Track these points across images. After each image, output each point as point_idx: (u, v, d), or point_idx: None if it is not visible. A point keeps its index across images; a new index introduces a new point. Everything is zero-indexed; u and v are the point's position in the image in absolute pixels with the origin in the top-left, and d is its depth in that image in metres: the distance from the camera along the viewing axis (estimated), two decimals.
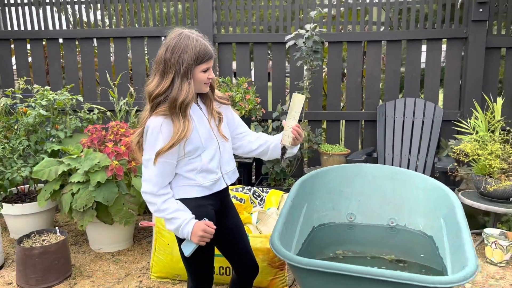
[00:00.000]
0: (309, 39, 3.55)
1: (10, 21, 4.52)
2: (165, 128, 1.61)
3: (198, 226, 1.65)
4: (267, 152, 1.90)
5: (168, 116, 1.62)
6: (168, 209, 1.65)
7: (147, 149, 1.65)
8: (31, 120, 3.08)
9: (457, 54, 3.97)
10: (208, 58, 1.65)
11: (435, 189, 2.28)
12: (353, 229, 2.43)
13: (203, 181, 1.73)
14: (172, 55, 1.60)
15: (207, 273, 1.86)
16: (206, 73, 1.67)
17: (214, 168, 1.75)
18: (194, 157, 1.71)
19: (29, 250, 2.64)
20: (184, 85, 1.61)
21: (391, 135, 3.89)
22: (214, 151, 1.75)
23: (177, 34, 1.65)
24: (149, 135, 1.63)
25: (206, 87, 1.72)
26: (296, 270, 1.74)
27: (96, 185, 2.89)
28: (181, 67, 1.59)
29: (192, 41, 1.62)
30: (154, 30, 4.30)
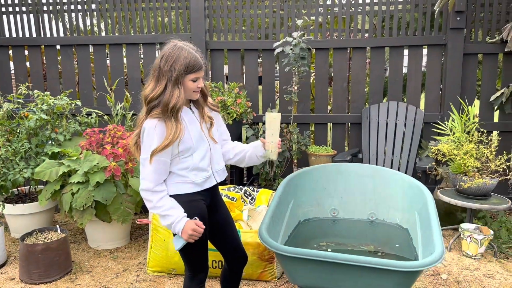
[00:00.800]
0: (296, 46, 3.74)
1: (9, 28, 4.67)
2: (158, 129, 1.75)
3: (188, 225, 1.79)
4: (244, 161, 2.09)
5: (162, 119, 1.77)
6: (163, 206, 1.80)
7: (143, 149, 1.80)
8: (32, 124, 3.23)
9: (437, 60, 4.19)
10: (198, 69, 1.80)
11: (412, 186, 2.48)
12: (336, 224, 2.62)
13: (195, 178, 1.88)
14: (166, 63, 1.76)
15: (202, 263, 2.01)
16: (196, 83, 1.82)
17: (205, 166, 1.91)
18: (186, 156, 1.86)
19: (32, 246, 2.79)
20: (175, 91, 1.76)
21: (375, 137, 4.09)
22: (205, 151, 1.91)
23: (172, 45, 1.81)
24: (145, 136, 1.78)
25: (196, 95, 1.88)
26: (281, 258, 1.92)
27: (95, 185, 3.05)
28: (173, 75, 1.76)
29: (184, 52, 1.78)
30: (149, 37, 4.47)
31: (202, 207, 1.92)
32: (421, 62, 4.26)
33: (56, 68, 4.68)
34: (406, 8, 4.17)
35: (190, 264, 2.00)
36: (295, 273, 1.93)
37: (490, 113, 4.16)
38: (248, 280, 2.87)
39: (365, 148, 4.09)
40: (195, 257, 1.97)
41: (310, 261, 1.82)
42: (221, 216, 2.10)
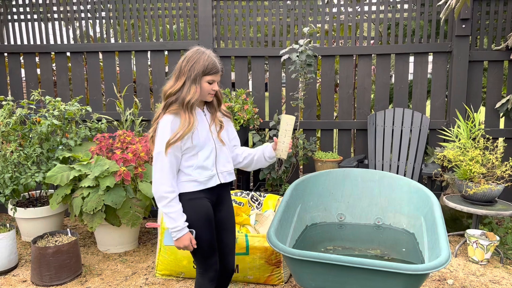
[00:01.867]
0: (303, 53, 3.80)
1: (20, 35, 4.76)
2: (174, 124, 1.90)
3: (185, 237, 1.92)
4: (252, 163, 2.19)
5: (177, 115, 1.91)
6: (173, 208, 1.91)
7: (158, 143, 1.91)
8: (44, 129, 3.30)
9: (443, 67, 4.23)
10: (214, 72, 1.96)
11: (417, 191, 2.51)
12: (343, 228, 2.65)
13: (199, 176, 1.98)
14: (187, 64, 1.94)
15: (211, 261, 2.05)
16: (211, 85, 1.97)
17: (209, 166, 2.01)
18: (192, 154, 1.97)
19: (43, 249, 2.84)
20: (192, 88, 1.93)
21: (381, 143, 4.13)
22: (209, 151, 2.01)
23: (195, 49, 1.99)
24: (159, 130, 1.91)
25: (210, 97, 2.02)
26: (290, 260, 1.96)
27: (105, 190, 3.11)
28: (192, 74, 1.93)
29: (204, 56, 1.95)
30: (157, 44, 4.55)
31: (207, 205, 2.01)
32: (427, 69, 4.30)
33: (66, 75, 4.76)
34: (411, 16, 4.22)
35: (199, 262, 2.06)
36: (303, 276, 1.97)
37: (496, 119, 4.18)
38: (255, 284, 2.90)
39: (371, 154, 4.12)
40: (204, 256, 2.03)
41: (318, 264, 1.85)
42: (222, 218, 2.13)
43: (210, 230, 2.00)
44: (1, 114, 3.33)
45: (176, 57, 4.57)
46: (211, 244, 2.03)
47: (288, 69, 4.04)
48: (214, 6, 4.44)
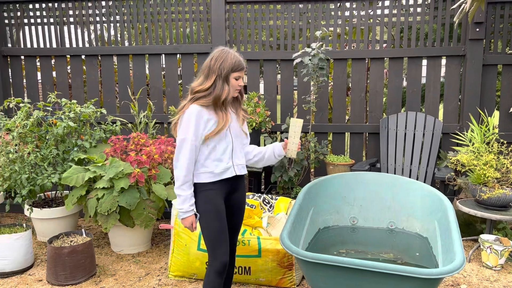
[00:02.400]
0: (315, 56, 3.81)
1: (37, 39, 4.85)
2: (199, 114, 2.05)
3: (188, 220, 2.12)
4: (262, 160, 2.35)
5: (206, 107, 2.08)
6: (185, 191, 2.09)
7: (182, 130, 2.06)
8: (60, 131, 3.36)
9: (456, 70, 4.21)
10: (241, 68, 2.13)
11: (431, 195, 2.50)
12: (355, 232, 2.65)
13: (215, 168, 2.13)
14: (216, 62, 2.09)
15: (222, 248, 2.14)
16: (237, 81, 2.14)
17: (226, 158, 2.16)
18: (211, 147, 2.11)
19: (59, 249, 2.89)
20: (225, 86, 2.10)
21: (393, 147, 4.12)
22: (226, 145, 2.16)
23: (220, 49, 2.15)
24: (185, 118, 2.06)
25: (236, 93, 2.20)
26: (303, 263, 1.97)
27: (120, 191, 3.15)
28: (222, 72, 2.08)
29: (230, 55, 2.11)
30: (170, 47, 4.60)
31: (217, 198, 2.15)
32: (440, 73, 4.28)
33: (81, 78, 4.84)
34: (424, 19, 4.21)
35: (208, 252, 2.18)
36: (315, 278, 1.98)
37: (510, 124, 4.14)
38: (267, 286, 2.92)
39: (383, 158, 4.11)
40: (211, 245, 2.15)
41: (331, 267, 1.86)
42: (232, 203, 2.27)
43: (220, 221, 2.14)
44: (19, 116, 3.40)
45: (189, 60, 4.61)
46: (219, 234, 2.15)
47: (301, 73, 4.06)
48: (227, 10, 4.47)
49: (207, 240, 2.17)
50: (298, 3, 4.39)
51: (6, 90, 4.90)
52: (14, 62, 4.93)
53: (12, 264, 3.05)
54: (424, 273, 1.71)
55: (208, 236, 2.16)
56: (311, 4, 4.38)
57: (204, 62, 2.16)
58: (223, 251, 2.15)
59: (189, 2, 4.53)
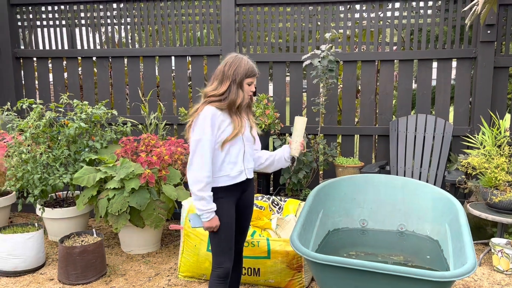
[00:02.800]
0: (325, 58, 3.81)
1: (49, 41, 4.91)
2: (215, 115, 2.08)
3: (214, 220, 2.11)
4: (273, 164, 2.37)
5: (220, 110, 2.11)
6: (207, 192, 2.08)
7: (197, 131, 2.08)
8: (72, 132, 3.40)
9: (467, 73, 4.18)
10: (254, 74, 2.18)
11: (441, 197, 2.49)
12: (365, 234, 2.65)
13: (230, 171, 2.16)
14: (230, 68, 2.14)
15: (229, 252, 2.18)
16: (250, 86, 2.19)
17: (239, 161, 2.19)
18: (226, 150, 2.13)
19: (70, 248, 2.92)
20: (239, 92, 2.14)
21: (403, 149, 4.10)
22: (238, 148, 2.19)
23: (234, 55, 2.20)
24: (200, 119, 2.08)
25: (248, 98, 2.22)
26: (313, 265, 1.97)
27: (130, 191, 3.18)
28: (236, 78, 2.13)
29: (244, 61, 2.17)
30: (180, 49, 4.63)
31: (230, 206, 2.18)
32: (450, 75, 4.26)
33: (92, 79, 4.89)
34: (435, 21, 4.19)
35: (213, 257, 2.20)
36: (325, 280, 1.98)
37: None
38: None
39: (393, 160, 4.10)
40: (217, 251, 2.19)
41: (342, 269, 1.86)
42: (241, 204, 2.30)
43: (230, 229, 2.17)
44: (32, 117, 3.44)
45: (199, 62, 4.64)
46: (227, 242, 2.18)
47: (310, 75, 4.06)
48: (237, 12, 4.49)
49: (214, 247, 2.20)
50: (308, 6, 4.40)
51: (18, 91, 4.96)
52: (26, 63, 4.99)
53: (25, 263, 3.08)
54: (436, 276, 1.71)
55: (215, 243, 2.19)
56: (321, 6, 4.38)
57: (217, 68, 2.20)
58: (228, 258, 2.19)
59: (199, 4, 4.56)
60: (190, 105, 4.76)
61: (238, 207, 2.29)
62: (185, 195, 3.38)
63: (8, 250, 3.03)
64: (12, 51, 4.88)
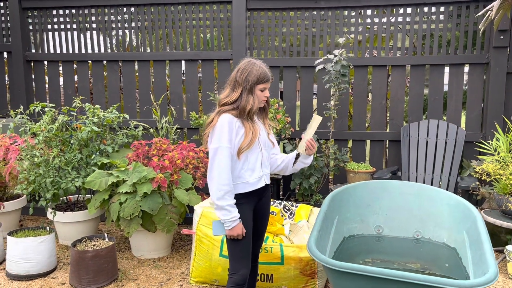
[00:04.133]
0: (337, 63, 3.80)
1: (60, 44, 4.92)
2: (232, 123, 2.08)
3: (239, 227, 2.09)
4: (288, 167, 2.33)
5: (236, 117, 2.10)
6: (229, 200, 2.07)
7: (215, 139, 2.07)
8: (84, 135, 3.40)
9: (479, 78, 4.15)
10: (266, 80, 2.14)
11: (459, 204, 2.46)
12: (380, 241, 2.62)
13: (249, 178, 2.15)
14: (241, 75, 2.12)
15: (246, 258, 2.17)
16: (263, 92, 2.16)
17: (257, 167, 2.18)
18: (244, 157, 2.12)
19: (83, 253, 2.91)
20: (250, 98, 2.11)
21: (415, 155, 4.07)
22: (257, 154, 2.18)
23: (247, 60, 2.18)
24: (218, 127, 2.07)
25: (262, 103, 2.21)
26: (331, 272, 1.95)
27: (143, 196, 3.16)
28: (247, 84, 2.11)
29: (256, 67, 2.14)
30: (190, 54, 4.63)
31: (248, 214, 2.18)
32: (462, 80, 4.24)
33: (102, 83, 4.90)
34: (447, 27, 4.17)
35: (230, 264, 2.19)
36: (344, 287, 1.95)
37: None
38: None
39: (404, 166, 4.07)
40: (234, 258, 2.18)
41: (361, 276, 1.84)
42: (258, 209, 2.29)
43: (247, 237, 2.16)
44: (44, 120, 3.44)
45: (209, 66, 4.64)
46: (244, 249, 2.17)
47: (322, 79, 4.05)
48: (248, 16, 4.50)
49: (232, 254, 2.19)
50: (319, 10, 4.39)
51: (29, 94, 4.98)
52: (37, 67, 5.02)
53: (37, 267, 3.07)
54: (458, 285, 1.68)
55: (232, 249, 2.18)
56: (332, 11, 4.38)
57: (231, 74, 2.20)
58: (245, 264, 2.18)
59: (210, 9, 4.57)
60: (199, 109, 4.75)
61: (255, 213, 2.28)
62: (197, 199, 3.36)
63: (20, 254, 3.03)
64: (23, 55, 4.91)
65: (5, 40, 5.02)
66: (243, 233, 2.12)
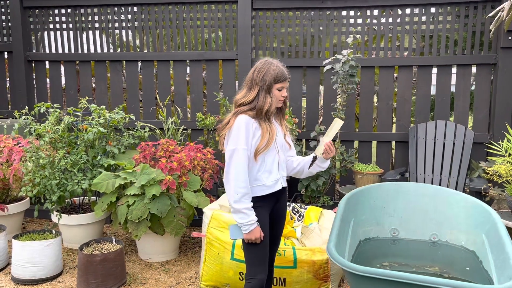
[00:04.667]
0: (346, 63, 3.77)
1: (62, 44, 4.85)
2: (249, 124, 2.04)
3: (257, 230, 2.05)
4: (304, 170, 2.29)
5: (253, 118, 2.06)
6: (246, 203, 2.03)
7: (232, 140, 2.03)
8: (91, 137, 3.34)
9: (486, 79, 4.13)
10: (283, 79, 2.11)
11: (476, 207, 2.43)
12: (396, 244, 2.58)
13: (266, 180, 2.11)
14: (258, 74, 2.09)
15: (263, 263, 2.14)
16: (280, 92, 2.12)
17: (274, 170, 2.14)
18: (261, 160, 2.09)
19: (91, 256, 2.85)
20: (267, 98, 2.08)
21: (422, 156, 4.04)
22: (273, 156, 2.14)
23: (264, 60, 2.15)
24: (235, 129, 2.04)
25: (280, 103, 2.16)
26: (354, 277, 1.90)
27: (151, 198, 3.11)
28: (265, 84, 2.07)
29: (273, 66, 2.10)
30: (195, 54, 4.57)
31: (265, 217, 2.14)
32: (470, 81, 4.21)
33: (105, 83, 4.83)
34: (454, 27, 4.15)
35: (247, 268, 2.15)
36: None
37: None
38: None
39: (412, 167, 4.04)
40: (252, 263, 2.14)
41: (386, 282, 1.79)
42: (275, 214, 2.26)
43: (264, 240, 2.11)
44: (50, 121, 3.38)
45: (214, 66, 4.58)
46: (261, 253, 2.13)
47: (330, 79, 4.01)
48: (253, 16, 4.45)
49: (248, 258, 2.15)
50: (325, 10, 4.36)
51: (30, 94, 4.90)
52: (38, 67, 4.94)
53: (43, 271, 3.01)
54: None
55: (249, 254, 2.14)
56: (338, 11, 4.34)
57: (248, 74, 2.16)
58: (263, 268, 2.14)
59: (215, 8, 4.52)
60: (204, 109, 4.70)
61: (272, 217, 2.23)
62: (205, 201, 3.31)
63: (27, 258, 2.96)
64: (25, 54, 4.83)
65: (5, 39, 4.94)
66: (261, 236, 2.07)
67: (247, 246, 2.13)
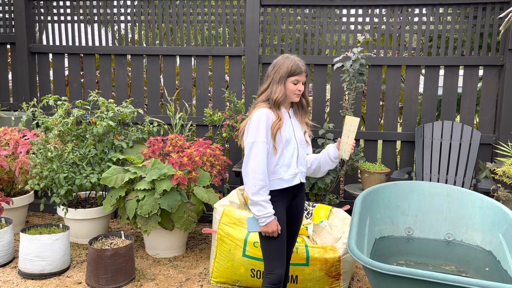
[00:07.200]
0: (356, 62, 3.76)
1: (66, 36, 4.78)
2: (268, 115, 2.07)
3: (274, 223, 2.05)
4: (319, 167, 2.29)
5: (270, 110, 2.09)
6: (264, 196, 2.04)
7: (251, 133, 2.05)
8: (100, 130, 3.29)
9: (493, 80, 4.15)
10: (298, 72, 2.11)
11: (492, 207, 2.44)
12: (410, 242, 2.59)
13: (284, 174, 2.11)
14: (273, 68, 2.15)
15: (281, 258, 2.13)
16: (296, 85, 2.12)
17: (293, 164, 2.15)
18: (280, 152, 2.09)
19: (101, 251, 2.82)
20: (278, 88, 2.10)
21: (429, 156, 4.05)
22: (292, 150, 2.15)
23: (282, 56, 2.18)
24: (254, 121, 2.06)
25: (296, 97, 2.16)
26: (374, 274, 1.90)
27: (162, 193, 3.08)
28: (277, 76, 2.11)
29: (288, 61, 2.13)
30: (202, 49, 4.54)
31: (281, 211, 2.13)
32: (477, 82, 4.23)
33: (109, 77, 4.77)
34: (462, 28, 4.16)
35: (265, 263, 2.15)
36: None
37: None
38: None
39: (418, 167, 4.05)
40: (270, 257, 2.14)
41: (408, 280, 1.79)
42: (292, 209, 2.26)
43: (281, 235, 2.11)
44: (59, 114, 3.33)
45: (220, 62, 4.55)
46: (279, 248, 2.13)
47: (340, 77, 4.00)
48: (262, 13, 4.42)
49: (266, 253, 2.15)
50: (334, 8, 4.34)
51: (33, 87, 4.84)
52: (41, 59, 4.87)
53: (51, 265, 2.97)
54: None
55: (266, 249, 2.14)
56: (347, 9, 4.33)
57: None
58: (280, 264, 2.13)
59: (222, 3, 4.48)
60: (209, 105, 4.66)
61: (289, 212, 2.22)
62: (215, 197, 3.29)
63: (35, 252, 2.91)
64: (28, 46, 4.75)
65: (8, 31, 4.86)
66: (278, 229, 2.07)
67: (264, 240, 2.12)
